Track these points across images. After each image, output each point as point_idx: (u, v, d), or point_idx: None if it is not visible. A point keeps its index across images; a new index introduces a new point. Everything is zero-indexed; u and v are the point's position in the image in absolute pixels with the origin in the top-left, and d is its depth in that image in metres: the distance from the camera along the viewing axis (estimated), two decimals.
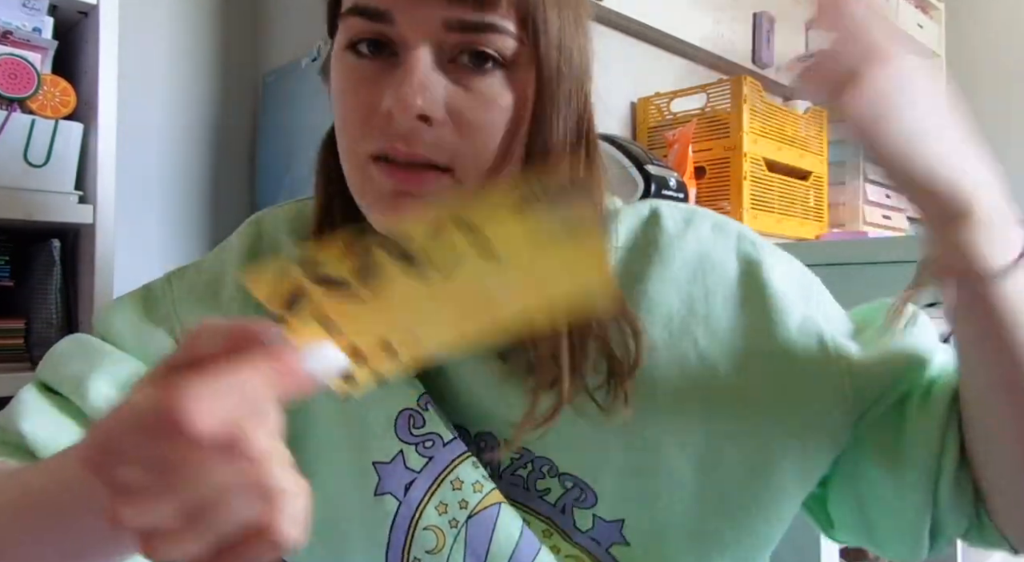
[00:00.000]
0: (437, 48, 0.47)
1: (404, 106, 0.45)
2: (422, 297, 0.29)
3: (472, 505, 0.54)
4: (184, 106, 1.61)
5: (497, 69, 0.48)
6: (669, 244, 0.58)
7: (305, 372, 0.28)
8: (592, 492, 0.55)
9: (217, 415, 0.25)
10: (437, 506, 0.54)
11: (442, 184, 0.49)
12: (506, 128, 0.49)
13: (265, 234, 0.61)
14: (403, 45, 0.47)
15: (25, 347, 1.17)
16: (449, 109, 0.47)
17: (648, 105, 1.78)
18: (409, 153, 0.47)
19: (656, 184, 1.34)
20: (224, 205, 1.66)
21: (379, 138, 0.48)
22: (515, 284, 0.30)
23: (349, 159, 0.51)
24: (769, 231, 1.65)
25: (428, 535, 0.54)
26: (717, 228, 0.60)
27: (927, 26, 3.15)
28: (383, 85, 0.47)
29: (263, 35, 1.71)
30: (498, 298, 0.30)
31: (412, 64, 0.46)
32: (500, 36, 0.47)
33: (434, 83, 0.47)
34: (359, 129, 0.49)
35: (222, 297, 0.58)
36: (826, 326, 0.57)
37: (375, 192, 0.49)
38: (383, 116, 0.47)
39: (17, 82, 1.10)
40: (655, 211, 0.60)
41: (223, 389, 0.26)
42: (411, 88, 0.46)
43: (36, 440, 0.50)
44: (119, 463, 0.27)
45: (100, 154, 1.16)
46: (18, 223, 1.14)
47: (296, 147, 1.54)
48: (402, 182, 0.48)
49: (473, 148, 0.49)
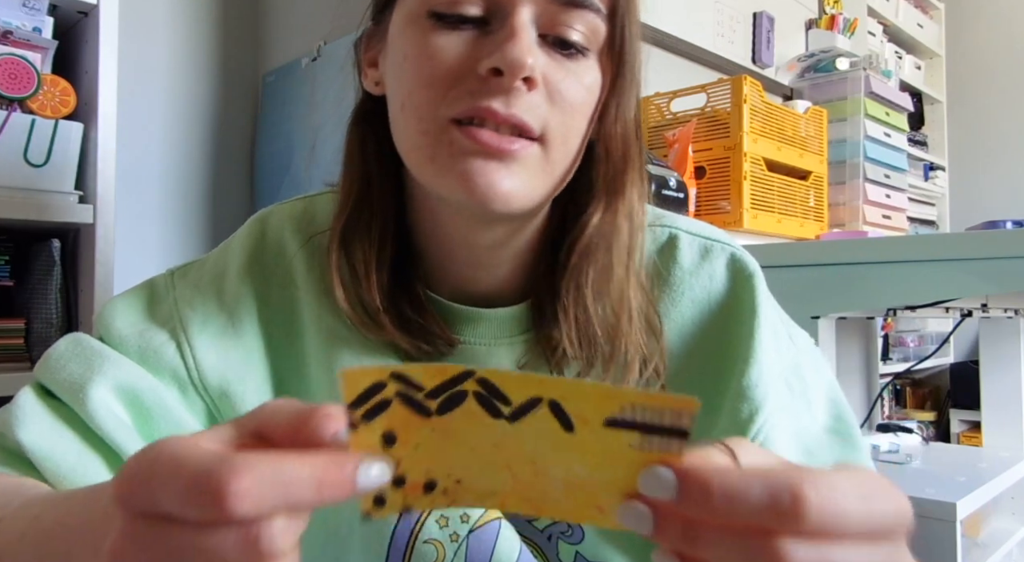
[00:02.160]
0: (535, 18, 0.47)
1: (514, 64, 0.44)
2: (483, 443, 0.28)
3: (473, 519, 0.54)
4: (184, 106, 1.61)
5: (584, 54, 0.49)
6: (681, 280, 0.57)
7: (353, 485, 0.26)
8: (580, 530, 0.56)
9: (261, 504, 0.25)
10: (438, 519, 0.54)
11: (532, 152, 0.48)
12: (590, 109, 0.50)
13: (269, 231, 0.60)
14: (500, 11, 0.47)
15: (25, 347, 1.17)
16: (544, 78, 0.47)
17: (648, 105, 1.78)
18: (507, 114, 0.46)
19: (656, 184, 1.34)
20: (224, 205, 1.66)
21: (468, 100, 0.46)
22: (572, 472, 0.28)
23: (421, 123, 0.48)
24: (769, 231, 1.65)
25: (428, 548, 0.53)
26: (732, 268, 0.58)
27: (927, 26, 3.15)
28: (476, 49, 0.46)
29: (263, 35, 1.71)
30: (550, 476, 0.28)
31: (518, 25, 0.46)
32: (595, 17, 0.48)
33: (537, 49, 0.47)
34: (440, 92, 0.47)
35: (225, 296, 0.57)
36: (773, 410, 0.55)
37: (455, 155, 0.47)
38: (479, 79, 0.46)
39: (17, 82, 1.10)
40: (673, 239, 0.59)
41: (278, 480, 0.25)
42: (522, 46, 0.45)
43: (34, 449, 0.50)
44: (145, 500, 0.26)
45: (100, 154, 1.16)
46: (18, 223, 1.14)
47: (296, 147, 1.54)
48: (492, 141, 0.46)
49: (564, 121, 0.48)
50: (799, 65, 2.27)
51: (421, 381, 0.27)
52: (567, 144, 0.49)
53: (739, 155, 1.59)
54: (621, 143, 0.52)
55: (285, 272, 0.58)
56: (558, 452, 0.28)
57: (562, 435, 0.28)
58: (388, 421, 0.28)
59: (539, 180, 0.49)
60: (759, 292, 0.57)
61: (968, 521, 1.27)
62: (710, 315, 0.57)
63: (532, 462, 0.28)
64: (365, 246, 0.53)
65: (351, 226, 0.53)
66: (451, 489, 0.29)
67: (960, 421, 2.70)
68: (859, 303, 1.16)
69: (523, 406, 0.28)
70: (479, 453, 0.28)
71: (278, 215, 0.61)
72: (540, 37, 0.48)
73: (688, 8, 1.86)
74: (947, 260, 1.05)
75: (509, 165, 0.47)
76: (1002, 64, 3.15)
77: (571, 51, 0.48)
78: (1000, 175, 3.12)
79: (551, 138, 0.48)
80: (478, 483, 0.29)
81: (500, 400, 0.28)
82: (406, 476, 0.28)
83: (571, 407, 0.27)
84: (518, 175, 0.47)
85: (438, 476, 0.28)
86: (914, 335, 2.66)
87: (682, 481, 0.26)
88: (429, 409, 0.28)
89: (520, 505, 0.29)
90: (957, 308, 1.40)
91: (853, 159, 2.18)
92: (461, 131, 0.46)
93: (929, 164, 3.12)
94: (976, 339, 2.03)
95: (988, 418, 1.66)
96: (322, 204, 0.61)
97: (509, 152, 0.46)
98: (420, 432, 0.28)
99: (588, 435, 0.27)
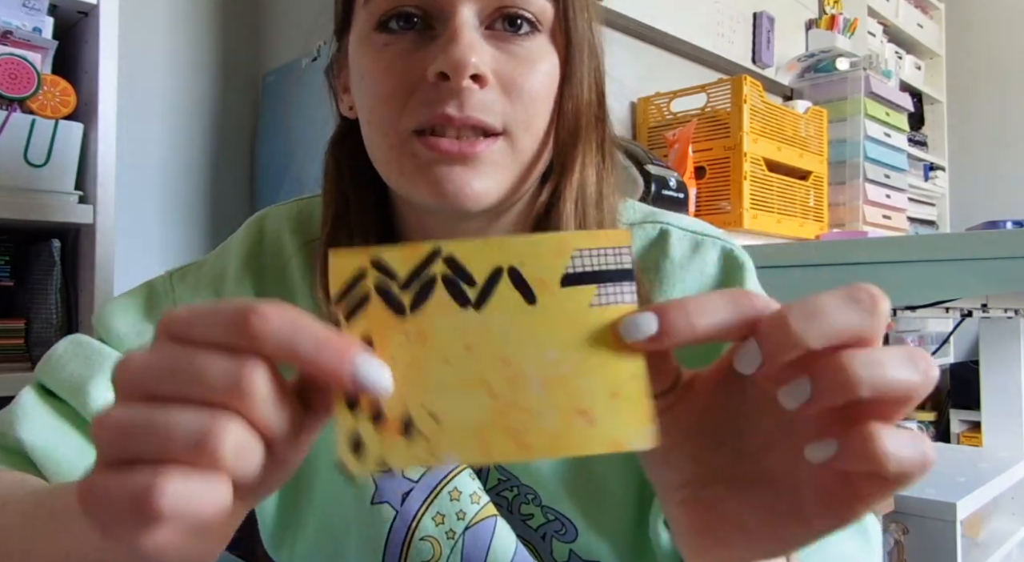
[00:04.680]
0: (476, 13, 0.47)
1: (457, 65, 0.44)
2: (455, 346, 0.29)
3: (469, 517, 0.54)
4: (184, 106, 1.61)
5: (534, 33, 0.49)
6: (672, 273, 0.57)
7: (351, 363, 0.27)
8: (574, 528, 0.55)
9: (274, 333, 0.26)
10: (434, 516, 0.54)
11: (498, 148, 0.48)
12: (550, 93, 0.50)
13: (267, 233, 0.61)
14: (441, 14, 0.47)
15: (25, 347, 1.17)
16: (495, 73, 0.47)
17: (648, 105, 1.78)
18: (463, 117, 0.46)
19: (656, 184, 1.34)
20: (224, 205, 1.66)
21: (423, 110, 0.46)
22: (546, 362, 0.29)
23: (386, 139, 0.49)
24: (769, 231, 1.65)
25: (424, 546, 0.53)
26: (724, 259, 0.58)
27: (927, 26, 3.15)
28: (423, 57, 0.47)
29: (263, 35, 1.71)
30: (527, 378, 0.29)
31: (459, 25, 0.46)
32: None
33: (482, 44, 0.47)
34: (398, 105, 0.47)
35: (224, 296, 0.57)
36: None
37: (420, 165, 0.47)
38: (429, 85, 0.46)
39: (17, 82, 1.10)
40: (664, 233, 0.59)
41: (294, 322, 0.27)
42: (463, 47, 0.45)
43: (35, 447, 0.50)
44: (182, 324, 0.28)
45: (100, 154, 1.16)
46: (18, 223, 1.14)
47: (296, 147, 1.54)
48: (452, 148, 0.46)
49: (524, 111, 0.48)
50: (799, 65, 2.27)
51: (396, 268, 0.29)
52: (531, 131, 0.49)
53: (739, 155, 1.59)
54: (571, 120, 0.51)
55: (283, 273, 0.58)
56: (527, 335, 0.29)
57: (527, 310, 0.29)
58: (367, 322, 0.29)
59: (508, 172, 0.49)
60: (748, 283, 0.57)
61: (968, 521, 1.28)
62: None
63: (505, 361, 0.29)
64: None
65: (333, 240, 0.54)
66: (429, 432, 0.28)
67: (960, 421, 2.70)
68: None
69: (487, 283, 0.29)
70: (453, 366, 0.29)
71: (275, 216, 0.62)
72: (487, 29, 0.48)
73: (688, 8, 1.86)
74: (947, 260, 1.05)
75: (475, 166, 0.47)
76: (1002, 64, 3.15)
77: (521, 32, 0.48)
78: (1000, 175, 3.12)
79: (514, 130, 0.48)
80: (456, 413, 0.28)
81: (466, 281, 0.29)
82: (382, 406, 0.28)
83: (529, 271, 0.29)
84: (485, 174, 0.48)
85: (413, 407, 0.28)
86: (914, 335, 2.66)
87: (660, 313, 0.28)
88: (403, 305, 0.29)
89: (504, 443, 0.28)
90: (957, 308, 1.40)
91: (853, 159, 2.18)
92: (422, 142, 0.47)
93: (929, 164, 3.12)
94: (976, 339, 2.03)
95: (988, 418, 1.66)
96: (319, 206, 0.61)
97: (472, 154, 0.47)
98: (395, 339, 0.29)
99: (549, 301, 0.29)
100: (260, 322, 0.26)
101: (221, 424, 0.26)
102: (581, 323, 0.29)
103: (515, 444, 0.28)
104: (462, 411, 0.28)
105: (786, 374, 0.28)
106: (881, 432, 0.27)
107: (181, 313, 0.28)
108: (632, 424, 0.28)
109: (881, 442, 0.27)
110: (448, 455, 0.28)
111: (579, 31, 0.50)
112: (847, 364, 0.27)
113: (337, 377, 0.27)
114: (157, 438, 0.26)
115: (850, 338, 0.28)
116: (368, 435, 0.28)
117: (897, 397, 0.27)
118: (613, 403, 0.28)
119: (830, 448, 0.28)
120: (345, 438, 0.28)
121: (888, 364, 0.27)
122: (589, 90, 0.51)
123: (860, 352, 0.27)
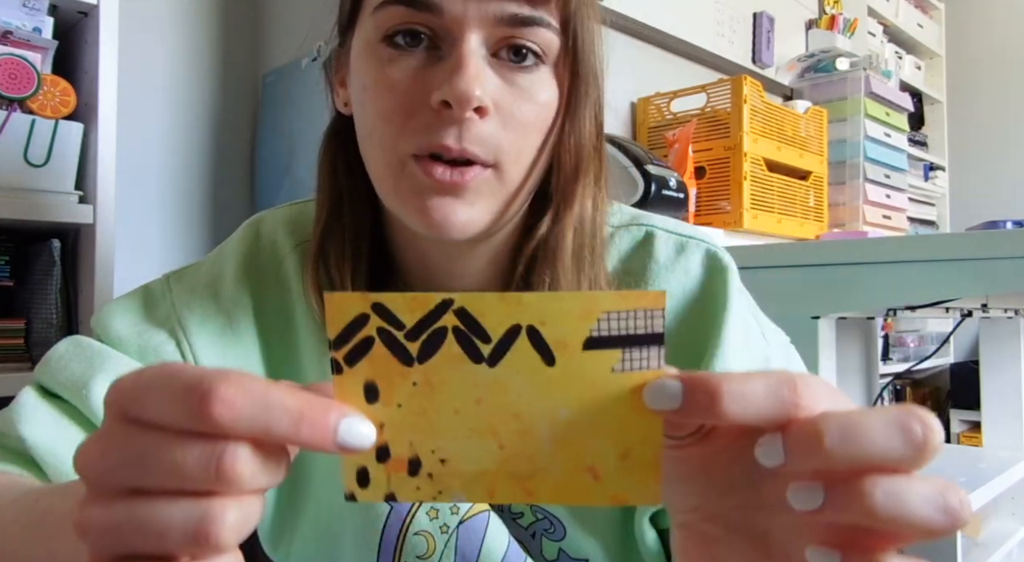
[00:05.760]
0: (485, 41, 0.47)
1: (461, 97, 0.44)
2: (466, 400, 0.28)
3: (463, 511, 0.54)
4: (184, 106, 1.61)
5: (538, 65, 0.48)
6: (656, 275, 0.57)
7: (334, 431, 0.26)
8: (563, 527, 0.56)
9: (240, 416, 0.25)
10: (428, 511, 0.54)
11: (485, 179, 0.48)
12: (546, 124, 0.50)
13: (264, 236, 0.61)
14: (448, 36, 0.47)
15: (25, 347, 1.17)
16: (496, 103, 0.47)
17: (648, 105, 1.78)
18: (460, 149, 0.46)
19: (656, 184, 1.34)
20: (224, 205, 1.66)
21: (423, 135, 0.46)
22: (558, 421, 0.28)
23: (382, 157, 0.49)
24: (769, 231, 1.65)
25: (419, 540, 0.54)
26: (708, 261, 0.58)
27: (927, 26, 3.15)
28: (427, 79, 0.46)
29: (263, 35, 1.71)
30: (537, 434, 0.28)
31: (465, 54, 0.45)
32: (546, 31, 0.47)
33: (487, 73, 0.47)
34: (398, 126, 0.47)
35: (222, 298, 0.58)
36: None
37: (414, 190, 0.48)
38: (431, 111, 0.46)
39: (17, 82, 1.10)
40: (649, 235, 0.59)
41: (262, 400, 0.25)
42: (468, 79, 0.44)
43: (37, 445, 0.50)
44: (134, 401, 0.26)
45: (100, 154, 1.16)
46: (18, 223, 1.14)
47: (296, 147, 1.54)
48: (445, 179, 0.47)
49: (517, 143, 0.48)
50: (799, 65, 2.27)
51: (402, 315, 0.27)
52: (519, 162, 0.49)
53: (739, 155, 1.59)
54: (574, 154, 0.52)
55: (279, 274, 0.59)
56: (542, 395, 0.28)
57: (544, 371, 0.28)
58: (371, 367, 0.27)
59: (494, 202, 0.49)
60: (731, 286, 0.57)
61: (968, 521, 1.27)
62: (684, 309, 0.57)
63: (517, 417, 0.28)
64: (340, 257, 0.54)
65: (326, 239, 0.54)
66: (436, 473, 0.28)
67: (960, 421, 2.70)
68: (859, 303, 1.16)
69: (503, 341, 0.27)
70: (463, 416, 0.28)
71: (271, 219, 0.62)
72: (492, 56, 0.47)
73: (688, 8, 1.86)
74: (947, 260, 1.05)
75: (463, 196, 0.48)
76: (1002, 64, 3.15)
77: (526, 64, 0.48)
78: (1000, 175, 3.12)
79: (503, 160, 0.48)
80: (464, 460, 0.28)
81: (479, 336, 0.27)
82: (389, 447, 0.28)
83: (549, 331, 0.27)
84: (472, 204, 0.48)
85: (421, 452, 0.28)
86: (914, 335, 2.66)
87: (688, 387, 0.26)
88: (410, 355, 0.27)
89: (510, 487, 0.28)
90: (957, 308, 1.40)
91: (853, 159, 2.18)
92: (419, 165, 0.47)
93: (929, 164, 3.12)
94: (976, 339, 2.03)
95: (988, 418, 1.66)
96: (314, 209, 0.61)
97: (462, 184, 0.47)
98: (402, 387, 0.28)
99: (569, 363, 0.27)
100: (224, 410, 0.24)
101: (216, 511, 0.25)
102: (601, 388, 0.27)
103: (521, 490, 0.28)
104: (470, 457, 0.28)
105: (804, 475, 0.26)
106: (889, 558, 0.26)
107: (127, 387, 0.26)
108: (639, 483, 0.28)
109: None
110: (456, 494, 0.28)
111: (587, 64, 0.50)
112: (869, 491, 0.25)
113: (322, 449, 0.26)
114: (153, 538, 0.25)
115: (884, 466, 0.25)
116: (374, 470, 0.28)
117: (913, 534, 0.25)
118: (623, 463, 0.28)
119: (832, 558, 0.27)
120: (350, 471, 0.28)
121: (913, 500, 0.25)
122: (590, 122, 0.52)
123: (885, 479, 0.25)
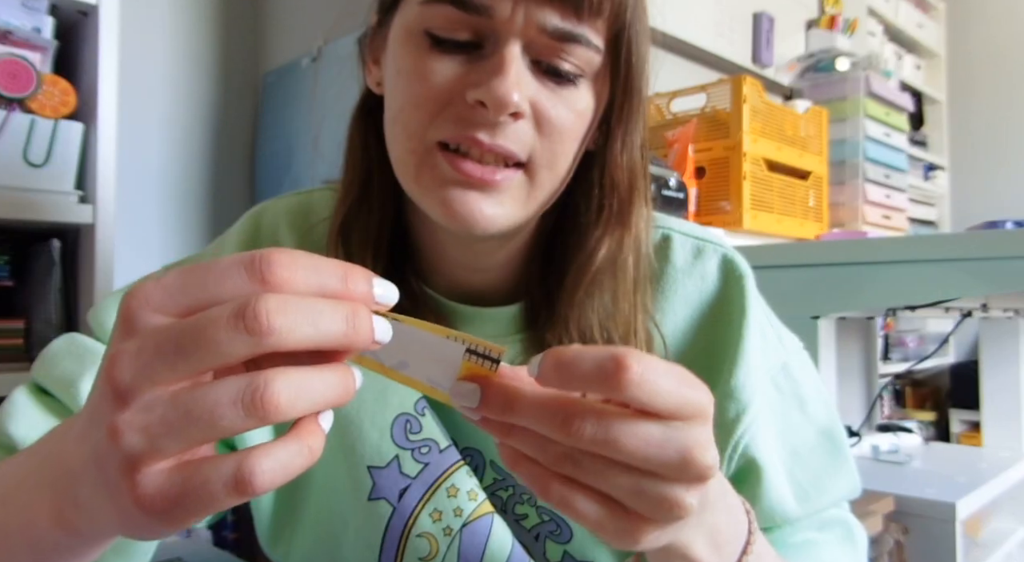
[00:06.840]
0: (526, 47, 0.47)
1: (499, 102, 0.45)
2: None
3: (467, 514, 0.54)
4: (184, 106, 1.61)
5: (576, 80, 0.48)
6: (673, 279, 0.58)
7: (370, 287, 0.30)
8: (568, 529, 0.56)
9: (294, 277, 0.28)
10: (431, 513, 0.54)
11: (514, 180, 0.48)
12: (580, 133, 0.50)
13: (263, 227, 0.61)
14: (492, 36, 0.47)
15: (25, 347, 1.17)
16: (533, 105, 0.47)
17: (648, 105, 1.78)
18: (492, 144, 0.46)
19: (656, 184, 1.34)
20: (224, 205, 1.66)
21: (454, 127, 0.47)
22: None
23: (407, 142, 0.49)
24: (769, 231, 1.65)
25: (421, 542, 0.53)
26: (724, 269, 0.59)
27: (927, 26, 3.15)
28: (465, 75, 0.46)
29: (263, 35, 1.71)
30: None
31: (508, 58, 0.45)
32: (586, 50, 0.47)
33: (526, 79, 0.47)
34: (429, 114, 0.47)
35: None
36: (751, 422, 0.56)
37: (437, 179, 0.48)
38: (466, 106, 0.46)
39: (17, 82, 1.10)
40: (666, 239, 0.59)
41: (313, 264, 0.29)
42: (508, 83, 0.45)
43: (25, 444, 0.50)
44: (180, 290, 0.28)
45: (100, 154, 1.16)
46: (18, 223, 1.14)
47: (296, 147, 1.54)
48: (475, 173, 0.47)
49: (551, 148, 0.48)
50: (799, 65, 2.27)
51: None
52: (553, 169, 0.49)
53: (739, 155, 1.59)
54: (628, 174, 0.52)
55: None
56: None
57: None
58: None
59: (522, 204, 0.49)
60: (749, 293, 0.57)
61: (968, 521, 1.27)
62: (700, 315, 0.58)
63: None
64: (363, 238, 0.53)
65: (351, 217, 0.54)
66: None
67: (960, 421, 2.70)
68: (859, 303, 1.17)
69: None
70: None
71: (273, 210, 0.62)
72: (533, 62, 0.47)
73: (688, 8, 1.86)
74: (947, 260, 1.05)
75: (491, 194, 0.48)
76: (1002, 64, 3.15)
77: (563, 80, 0.48)
78: (1000, 175, 3.12)
79: (536, 164, 0.48)
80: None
81: None
82: None
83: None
84: (500, 203, 0.48)
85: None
86: (914, 335, 2.66)
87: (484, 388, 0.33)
88: None
89: None
90: (957, 308, 1.40)
91: (853, 159, 2.18)
92: (446, 157, 0.47)
93: (929, 164, 3.12)
94: (976, 339, 2.03)
95: (988, 418, 1.66)
96: (319, 199, 0.61)
97: (492, 182, 0.47)
98: None
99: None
100: (281, 271, 0.28)
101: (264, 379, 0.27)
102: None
103: None
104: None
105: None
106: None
107: (153, 289, 0.28)
108: None
109: None
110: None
111: (638, 78, 0.50)
112: None
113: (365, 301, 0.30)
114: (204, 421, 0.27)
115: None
116: None
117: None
118: None
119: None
120: None
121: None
122: (640, 135, 0.52)
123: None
